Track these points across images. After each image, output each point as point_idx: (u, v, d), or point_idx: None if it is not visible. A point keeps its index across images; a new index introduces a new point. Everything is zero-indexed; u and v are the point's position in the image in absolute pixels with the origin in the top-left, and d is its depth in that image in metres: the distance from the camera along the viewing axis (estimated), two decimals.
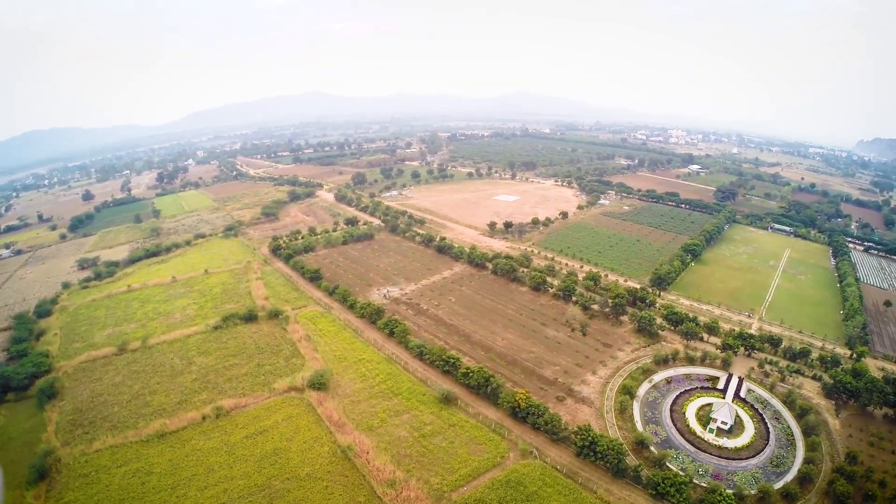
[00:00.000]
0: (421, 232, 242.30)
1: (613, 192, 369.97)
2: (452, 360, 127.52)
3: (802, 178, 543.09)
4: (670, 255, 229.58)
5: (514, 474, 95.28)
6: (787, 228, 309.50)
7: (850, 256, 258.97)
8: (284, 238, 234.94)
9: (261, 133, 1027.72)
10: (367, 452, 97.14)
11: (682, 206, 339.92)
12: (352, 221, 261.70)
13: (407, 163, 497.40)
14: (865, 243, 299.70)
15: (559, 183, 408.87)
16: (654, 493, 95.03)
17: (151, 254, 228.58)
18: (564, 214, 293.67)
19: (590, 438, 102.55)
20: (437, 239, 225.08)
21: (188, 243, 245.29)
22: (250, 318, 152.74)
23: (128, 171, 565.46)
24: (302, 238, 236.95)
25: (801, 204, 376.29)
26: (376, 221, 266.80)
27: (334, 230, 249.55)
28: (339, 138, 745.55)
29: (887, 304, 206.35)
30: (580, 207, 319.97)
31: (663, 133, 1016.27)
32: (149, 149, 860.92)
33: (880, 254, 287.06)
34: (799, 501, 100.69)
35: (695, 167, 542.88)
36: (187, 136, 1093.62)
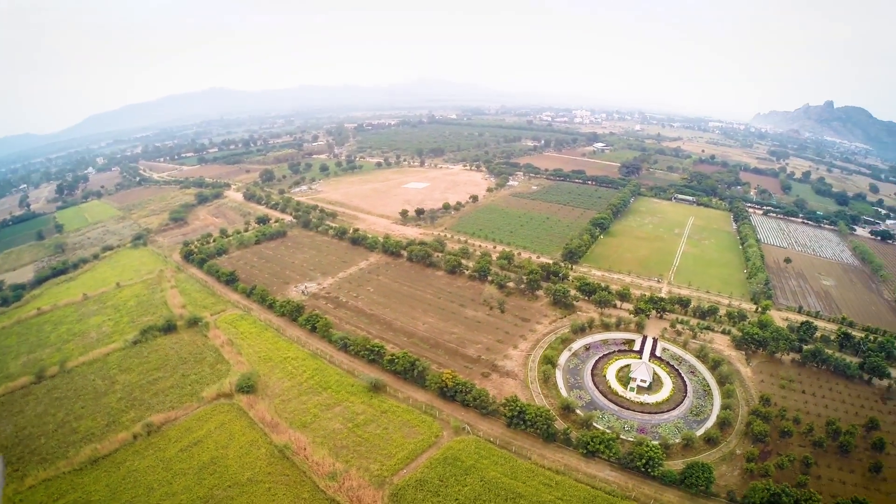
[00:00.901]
0: (334, 225, 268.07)
1: (522, 174, 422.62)
2: (377, 349, 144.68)
3: (703, 151, 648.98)
4: (580, 229, 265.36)
5: (450, 451, 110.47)
6: (690, 198, 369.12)
7: (750, 220, 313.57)
8: (196, 243, 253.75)
9: (163, 135, 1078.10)
10: (305, 449, 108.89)
11: (589, 182, 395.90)
12: (263, 220, 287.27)
13: (315, 156, 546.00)
14: (764, 207, 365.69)
15: (468, 167, 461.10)
16: (584, 452, 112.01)
17: (59, 272, 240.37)
18: (475, 198, 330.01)
19: (518, 408, 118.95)
20: (351, 231, 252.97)
21: (96, 257, 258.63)
22: (169, 328, 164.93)
23: (24, 185, 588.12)
24: (214, 241, 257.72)
25: (702, 174, 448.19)
26: (288, 218, 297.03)
27: (246, 230, 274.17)
28: (243, 135, 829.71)
29: (787, 260, 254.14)
30: (490, 190, 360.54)
31: (568, 114, 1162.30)
32: (46, 159, 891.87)
33: (778, 216, 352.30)
34: (720, 444, 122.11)
35: (599, 145, 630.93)
36: (86, 142, 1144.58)
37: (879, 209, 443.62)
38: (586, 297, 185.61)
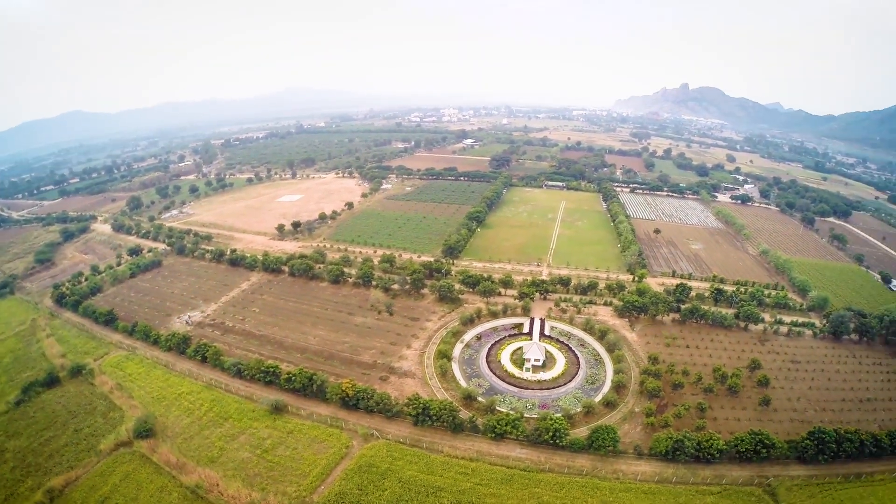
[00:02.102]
0: (210, 248, 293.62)
1: (394, 176, 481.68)
2: (272, 370, 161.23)
3: (569, 138, 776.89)
4: (457, 225, 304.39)
5: (363, 459, 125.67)
6: (560, 184, 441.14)
7: (618, 199, 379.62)
8: (67, 284, 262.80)
9: (19, 168, 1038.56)
10: (217, 485, 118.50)
11: (462, 178, 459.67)
12: (135, 251, 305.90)
13: (183, 178, 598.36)
14: (631, 185, 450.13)
15: (341, 175, 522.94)
16: (493, 436, 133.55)
17: None
18: (350, 205, 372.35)
19: (422, 406, 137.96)
20: (228, 252, 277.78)
21: None
22: (52, 381, 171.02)
23: None
24: (86, 280, 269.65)
25: (570, 160, 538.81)
26: (161, 246, 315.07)
27: (119, 264, 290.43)
28: (106, 161, 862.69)
29: (657, 231, 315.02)
30: (364, 195, 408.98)
31: (436, 113, 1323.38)
32: None
33: (645, 192, 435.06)
34: (619, 406, 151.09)
35: (469, 141, 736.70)
36: None
37: (737, 176, 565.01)
38: (471, 289, 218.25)
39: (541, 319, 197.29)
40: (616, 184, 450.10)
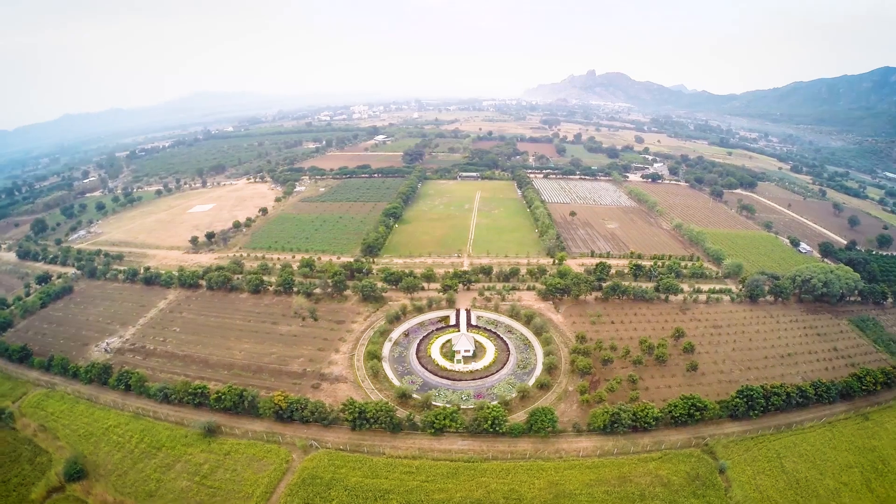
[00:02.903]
0: (122, 268, 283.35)
1: (308, 177, 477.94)
2: (200, 391, 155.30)
3: (480, 129, 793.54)
4: (374, 222, 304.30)
5: (305, 472, 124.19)
6: (474, 174, 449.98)
7: (533, 185, 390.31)
8: None
9: None
10: None
11: (376, 175, 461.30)
12: (44, 278, 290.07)
13: (88, 195, 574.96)
14: (544, 171, 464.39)
15: (252, 180, 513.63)
16: (433, 431, 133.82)
17: None
18: (264, 210, 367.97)
19: (357, 410, 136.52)
20: (142, 271, 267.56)
21: None
22: None
23: None
24: None
25: (482, 151, 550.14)
26: (71, 271, 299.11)
27: (27, 294, 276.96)
28: (6, 183, 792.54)
29: (572, 214, 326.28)
30: (278, 200, 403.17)
31: (346, 111, 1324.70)
32: None
33: (558, 177, 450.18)
34: (553, 387, 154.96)
35: (381, 137, 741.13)
36: None
37: (646, 156, 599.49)
38: (394, 286, 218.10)
39: (466, 310, 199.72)
40: (529, 170, 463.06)
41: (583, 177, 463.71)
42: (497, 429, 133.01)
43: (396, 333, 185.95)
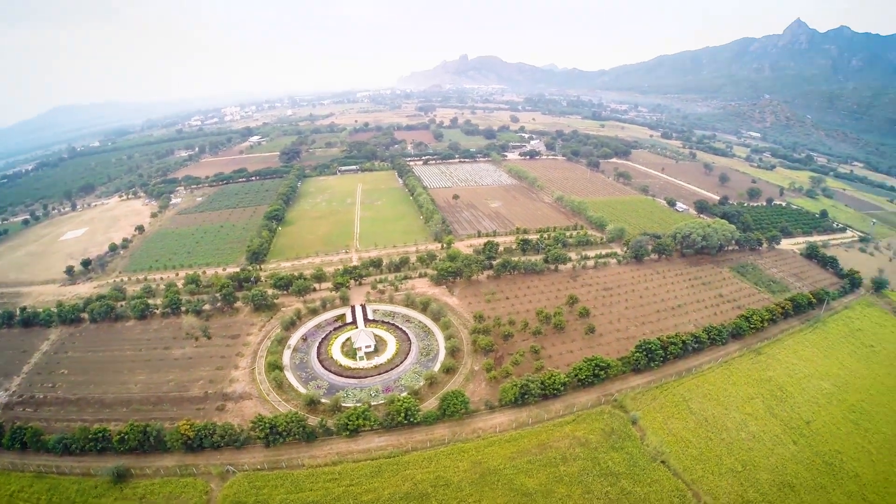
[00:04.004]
0: None
1: (183, 188, 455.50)
2: (101, 434, 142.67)
3: (356, 121, 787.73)
4: (257, 227, 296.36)
5: (227, 500, 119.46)
6: (354, 167, 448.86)
7: (413, 172, 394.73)
8: None
9: None
10: None
11: (253, 178, 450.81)
12: None
13: None
14: (423, 157, 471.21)
15: (125, 197, 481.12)
16: (348, 433, 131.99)
17: None
18: (141, 229, 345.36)
19: (267, 425, 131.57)
20: (18, 312, 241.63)
21: None
22: None
23: None
24: None
25: (360, 143, 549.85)
26: None
27: None
28: None
29: (455, 197, 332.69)
30: (154, 215, 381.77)
31: (218, 114, 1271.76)
32: None
33: (438, 162, 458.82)
34: (459, 369, 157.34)
35: (255, 138, 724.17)
36: None
37: (523, 134, 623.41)
38: (285, 291, 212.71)
39: (362, 305, 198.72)
40: (409, 158, 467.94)
41: (462, 160, 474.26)
42: (411, 419, 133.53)
43: (294, 339, 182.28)
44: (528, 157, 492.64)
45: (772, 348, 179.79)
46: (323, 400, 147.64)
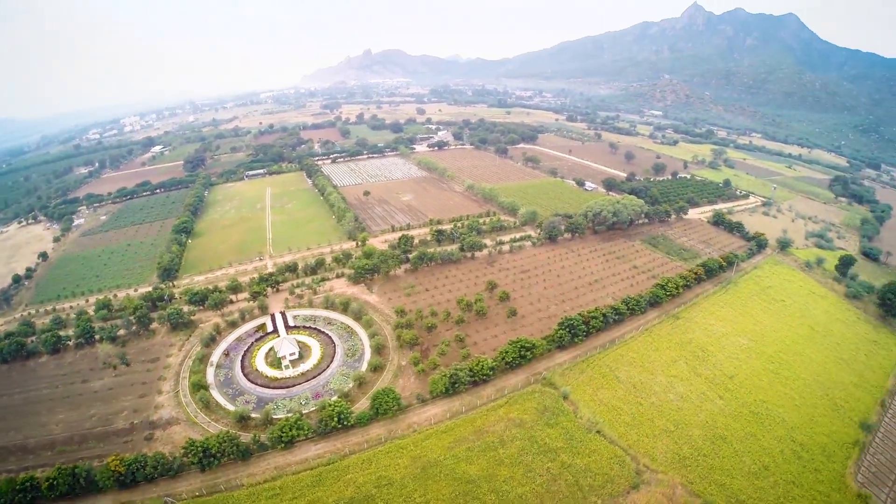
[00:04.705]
0: None
1: (85, 207, 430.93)
2: (28, 484, 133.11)
3: (261, 123, 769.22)
4: (166, 242, 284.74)
5: None
6: (261, 171, 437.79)
7: (322, 171, 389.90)
8: None
9: None
10: None
11: (158, 191, 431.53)
12: None
13: None
14: (331, 156, 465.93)
15: (24, 222, 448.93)
16: (283, 445, 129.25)
17: None
18: (44, 256, 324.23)
19: (200, 449, 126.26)
20: None
21: None
22: None
23: None
24: None
25: (266, 145, 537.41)
26: None
27: None
28: None
29: (366, 193, 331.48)
30: (57, 239, 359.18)
31: (117, 125, 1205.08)
32: None
33: (346, 159, 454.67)
34: (387, 366, 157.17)
35: (158, 148, 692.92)
36: None
37: (430, 126, 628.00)
38: (201, 306, 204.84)
39: (281, 313, 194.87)
40: (317, 158, 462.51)
41: (371, 155, 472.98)
42: (345, 423, 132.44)
43: (216, 355, 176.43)
44: (436, 148, 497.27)
45: (689, 312, 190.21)
46: (253, 415, 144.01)
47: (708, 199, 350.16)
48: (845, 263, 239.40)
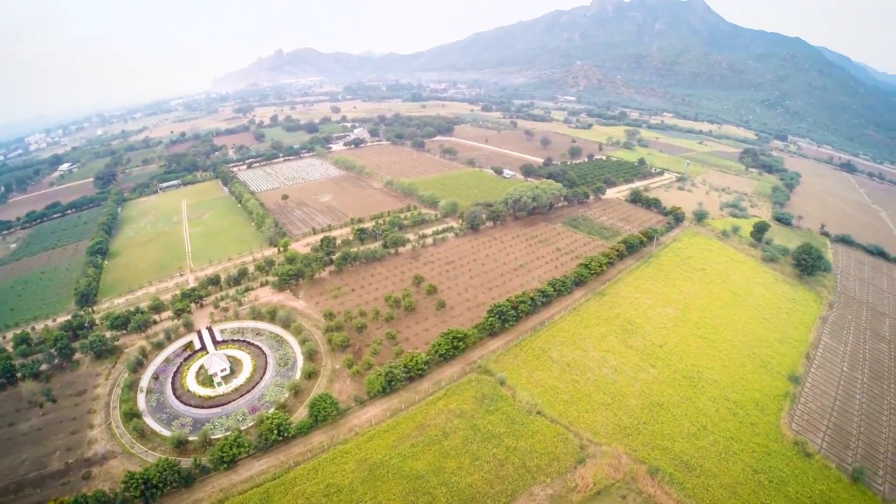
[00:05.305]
0: None
1: None
2: None
3: (172, 131, 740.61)
4: (81, 266, 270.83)
5: None
6: (175, 182, 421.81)
7: (238, 178, 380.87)
8: None
9: None
10: None
11: (69, 211, 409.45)
12: None
13: None
14: (247, 161, 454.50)
15: None
16: (226, 466, 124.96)
17: None
18: None
19: (140, 481, 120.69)
20: None
21: None
22: None
23: None
24: None
25: (179, 155, 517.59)
26: None
27: None
28: None
29: (285, 197, 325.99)
30: None
31: (21, 143, 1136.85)
32: None
33: (262, 164, 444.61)
34: (321, 371, 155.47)
35: (66, 166, 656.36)
36: None
37: (345, 124, 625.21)
38: (125, 330, 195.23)
39: (208, 328, 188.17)
40: (232, 164, 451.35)
41: (287, 158, 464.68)
42: (286, 434, 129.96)
43: (146, 380, 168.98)
44: (353, 146, 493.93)
45: (614, 288, 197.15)
46: (191, 438, 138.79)
47: (624, 178, 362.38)
48: (760, 229, 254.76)
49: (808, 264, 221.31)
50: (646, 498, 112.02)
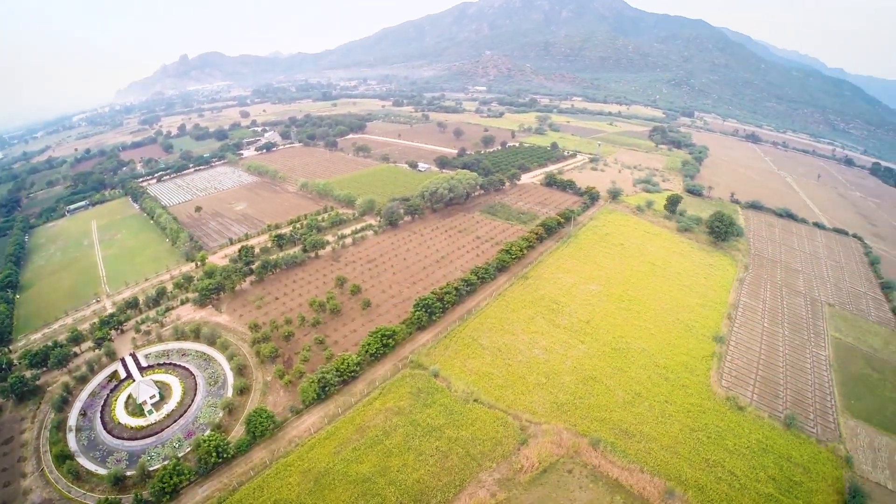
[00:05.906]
0: None
1: None
2: None
3: (76, 149, 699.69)
4: None
5: None
6: (83, 203, 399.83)
7: (148, 193, 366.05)
8: None
9: None
10: None
11: None
12: None
13: None
14: (156, 175, 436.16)
15: None
16: (169, 497, 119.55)
17: None
18: None
19: None
20: None
21: None
22: None
23: None
24: None
25: (85, 173, 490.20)
26: None
27: None
28: None
29: (198, 209, 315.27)
30: None
31: None
32: None
33: (172, 176, 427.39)
34: (253, 386, 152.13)
35: None
36: None
37: (255, 128, 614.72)
38: (45, 367, 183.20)
39: (131, 355, 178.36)
40: (141, 179, 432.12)
41: (198, 168, 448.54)
42: (225, 455, 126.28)
43: (73, 418, 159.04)
44: (264, 150, 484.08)
45: (537, 270, 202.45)
46: (129, 473, 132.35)
47: (538, 163, 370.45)
48: (673, 202, 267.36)
49: (721, 231, 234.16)
50: (591, 469, 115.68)
